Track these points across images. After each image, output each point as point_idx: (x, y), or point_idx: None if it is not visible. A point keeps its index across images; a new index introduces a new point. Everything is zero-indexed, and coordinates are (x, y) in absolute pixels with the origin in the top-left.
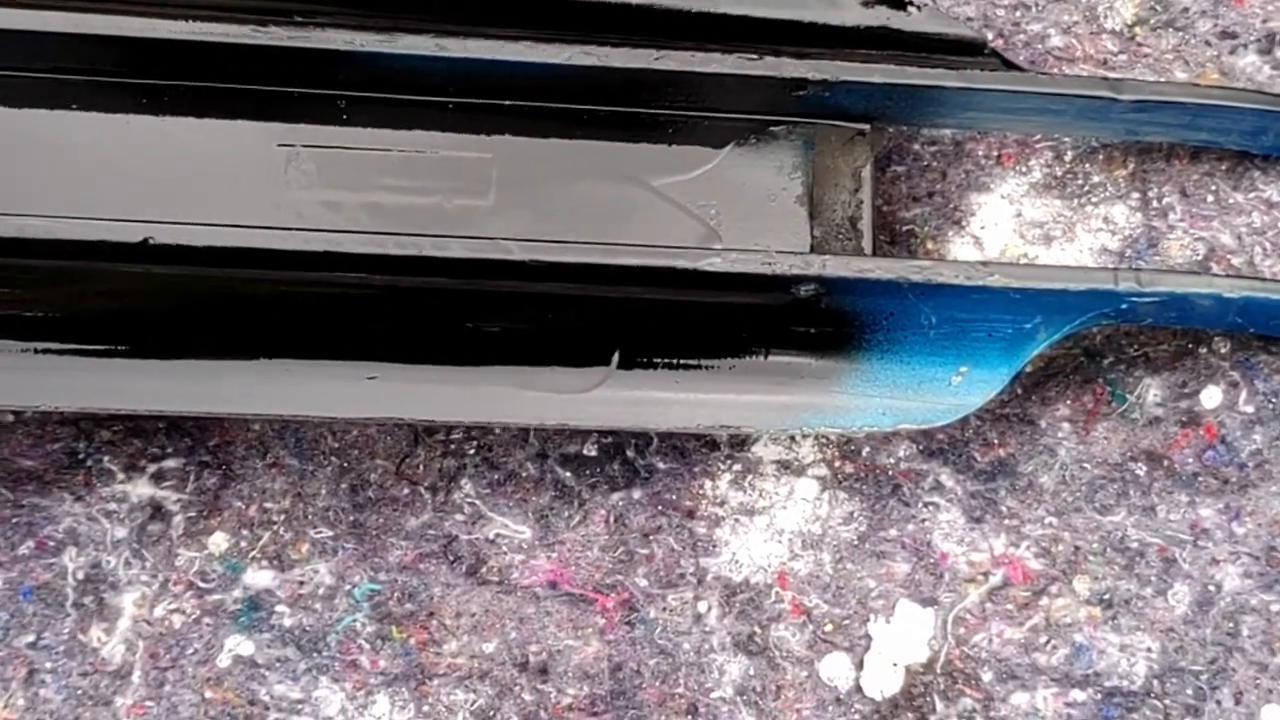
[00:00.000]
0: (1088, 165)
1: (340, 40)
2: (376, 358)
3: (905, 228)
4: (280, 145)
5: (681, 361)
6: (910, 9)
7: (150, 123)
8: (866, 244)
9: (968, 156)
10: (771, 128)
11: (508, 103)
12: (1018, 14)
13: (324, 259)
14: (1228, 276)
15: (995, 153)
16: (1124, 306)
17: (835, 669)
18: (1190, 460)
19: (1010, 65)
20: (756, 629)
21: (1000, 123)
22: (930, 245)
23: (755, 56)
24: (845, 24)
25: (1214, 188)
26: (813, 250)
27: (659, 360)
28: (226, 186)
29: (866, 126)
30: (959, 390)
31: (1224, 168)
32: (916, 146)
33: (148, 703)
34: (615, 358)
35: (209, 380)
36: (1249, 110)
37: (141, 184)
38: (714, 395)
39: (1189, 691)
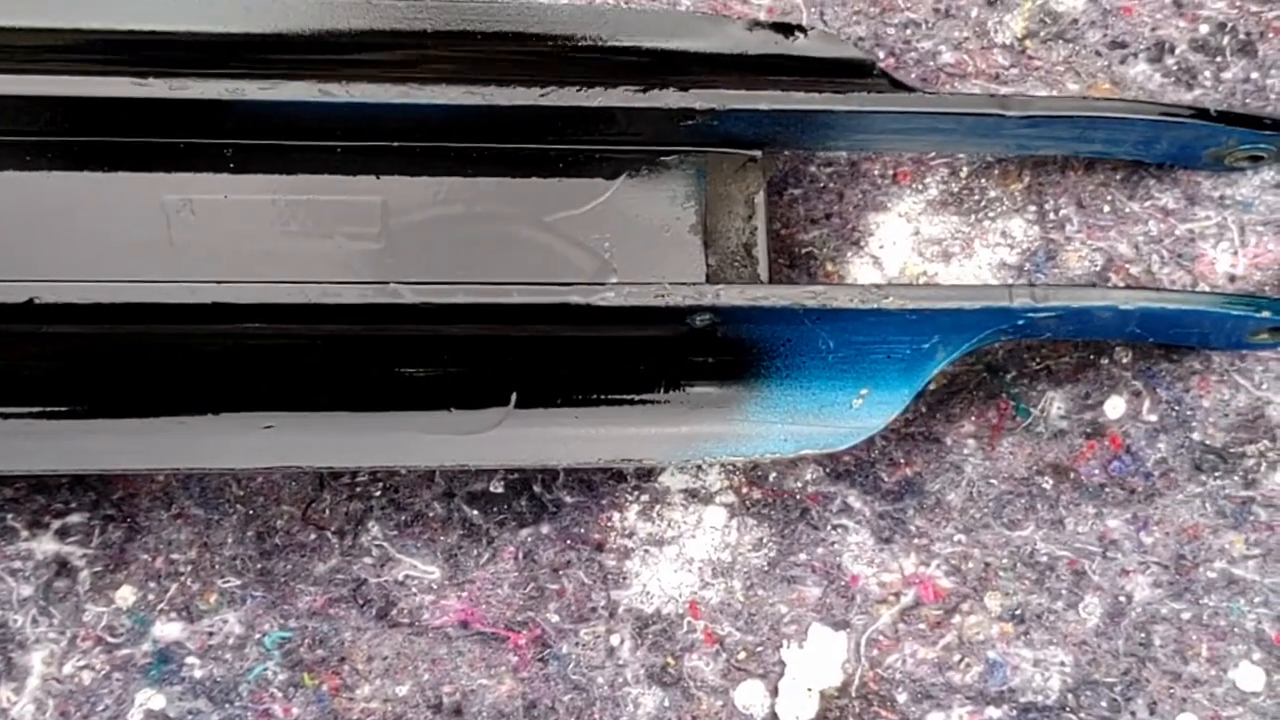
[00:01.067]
0: (983, 180)
1: (222, 90)
2: (273, 407)
3: (804, 250)
4: (168, 196)
5: (580, 397)
6: (798, 33)
7: (33, 179)
8: (763, 270)
9: (864, 176)
10: (663, 158)
11: (396, 144)
12: (908, 31)
13: (213, 310)
14: (1123, 288)
15: (891, 172)
16: (1021, 322)
17: (750, 697)
18: (1096, 471)
19: (900, 85)
20: (670, 660)
21: (892, 143)
22: (830, 267)
23: (641, 88)
24: (732, 51)
25: (1110, 198)
26: (708, 279)
27: (558, 397)
28: (114, 241)
29: (758, 153)
30: (861, 413)
31: (1119, 177)
32: (813, 168)
33: None
34: (514, 397)
35: (105, 437)
36: (1139, 121)
37: (26, 242)
38: (614, 429)
39: (1104, 704)
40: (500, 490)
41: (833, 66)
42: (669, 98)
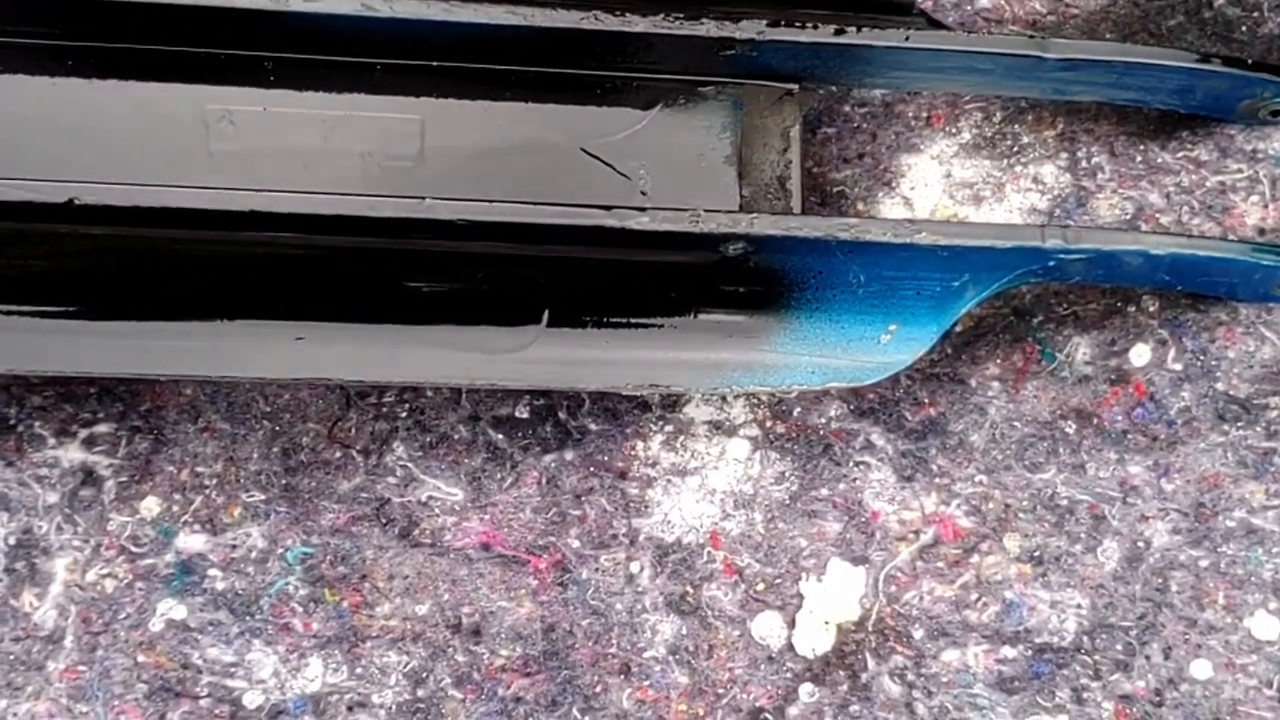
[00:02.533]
0: (1016, 126)
1: (266, 0)
2: (305, 317)
3: (836, 189)
4: (208, 106)
5: (611, 321)
6: None
7: (76, 85)
8: (795, 203)
9: (898, 118)
10: (700, 88)
11: (436, 64)
12: None
13: (249, 218)
14: (1155, 233)
15: (925, 114)
16: (1052, 264)
17: (767, 628)
18: (1119, 418)
19: (938, 25)
20: (689, 589)
21: (928, 82)
22: (861, 206)
23: (682, 16)
24: None
25: (1142, 147)
26: (741, 209)
27: (589, 320)
28: (155, 148)
29: (795, 87)
30: (888, 348)
31: (1152, 128)
32: (847, 108)
33: (80, 667)
34: (545, 317)
35: (137, 342)
36: (1175, 69)
37: (68, 146)
38: (644, 354)
39: (1119, 647)
40: (525, 415)
41: (872, 3)
42: (709, 26)
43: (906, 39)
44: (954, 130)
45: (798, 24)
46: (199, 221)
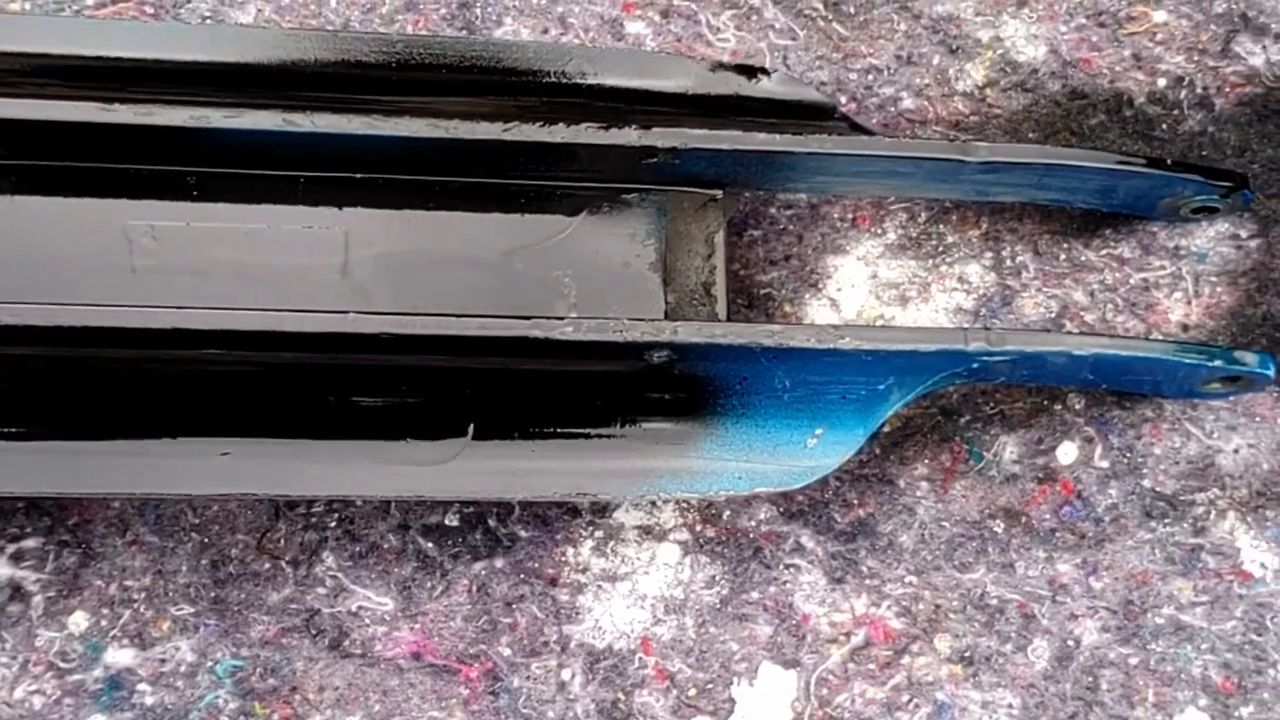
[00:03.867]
0: (941, 226)
1: (187, 117)
2: (230, 433)
3: (763, 291)
4: (130, 222)
5: (537, 431)
6: (760, 75)
7: None
8: (721, 309)
9: (823, 219)
10: (624, 195)
11: (360, 176)
12: (870, 77)
13: (172, 336)
14: (1077, 334)
15: (850, 215)
16: (976, 366)
17: None
18: (1047, 516)
19: (860, 129)
20: (620, 695)
21: (852, 186)
22: (788, 308)
23: (603, 126)
24: (696, 91)
25: (1066, 245)
26: (667, 317)
27: (515, 430)
28: (76, 265)
29: (719, 192)
30: (815, 452)
31: (1075, 226)
32: (773, 210)
33: None
34: (471, 429)
35: (61, 460)
36: (1097, 170)
37: None
38: (571, 463)
39: None
40: (455, 523)
41: (795, 109)
42: (631, 135)
43: (827, 145)
44: (879, 231)
45: (719, 131)
46: (121, 340)
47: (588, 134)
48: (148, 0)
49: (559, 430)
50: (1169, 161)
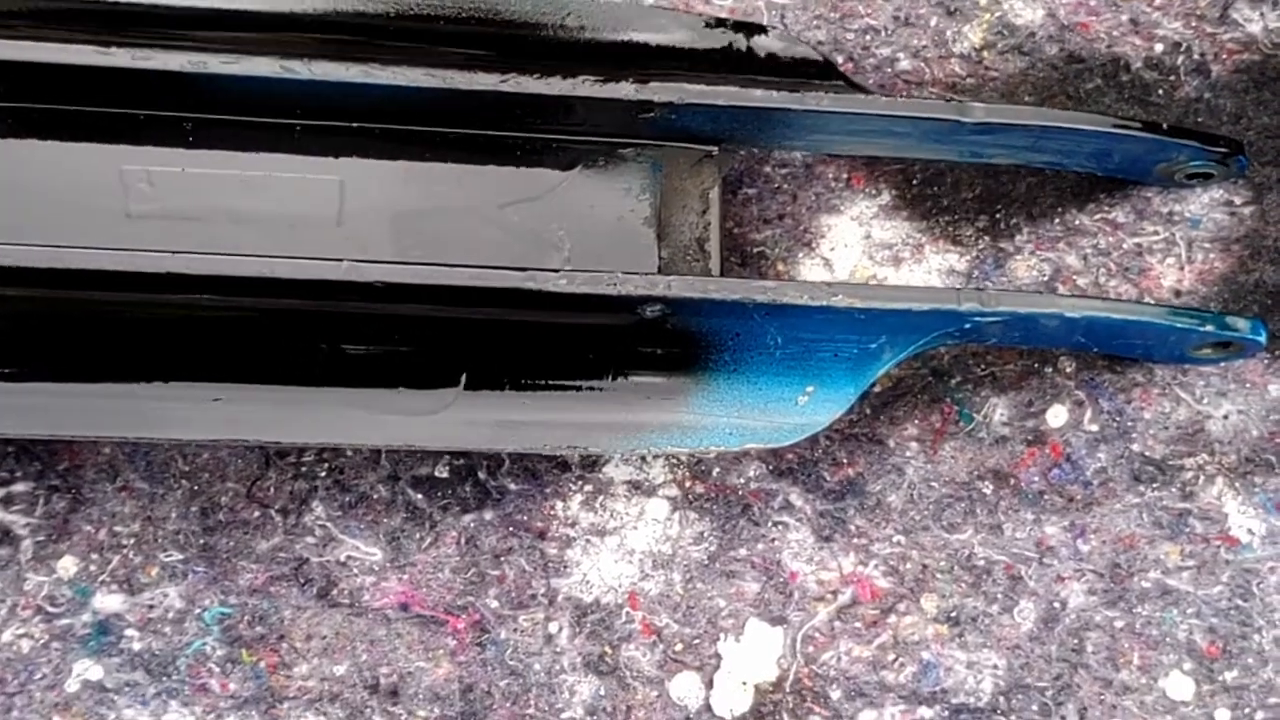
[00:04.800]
0: (936, 188)
1: (184, 62)
2: (222, 379)
3: (756, 249)
4: (126, 167)
5: (529, 382)
6: (758, 33)
7: None
8: (714, 265)
9: (818, 179)
10: (620, 150)
11: (355, 125)
12: (867, 38)
13: (165, 280)
14: (1071, 296)
15: (845, 175)
16: (968, 326)
17: (685, 688)
18: (1036, 479)
19: (857, 88)
20: (607, 649)
21: (848, 145)
22: (781, 267)
23: (600, 79)
24: (693, 46)
25: (1060, 209)
26: (660, 272)
27: (507, 382)
28: (71, 209)
29: (714, 149)
30: (806, 410)
31: (1070, 190)
32: (768, 169)
33: None
34: (463, 379)
35: (53, 403)
36: (1093, 133)
37: None
38: (562, 416)
39: (1034, 708)
40: (445, 475)
41: (791, 67)
42: (628, 89)
43: (824, 103)
44: (874, 192)
45: (716, 87)
46: (115, 284)
47: (585, 87)
48: None
49: (551, 383)
50: (1165, 126)
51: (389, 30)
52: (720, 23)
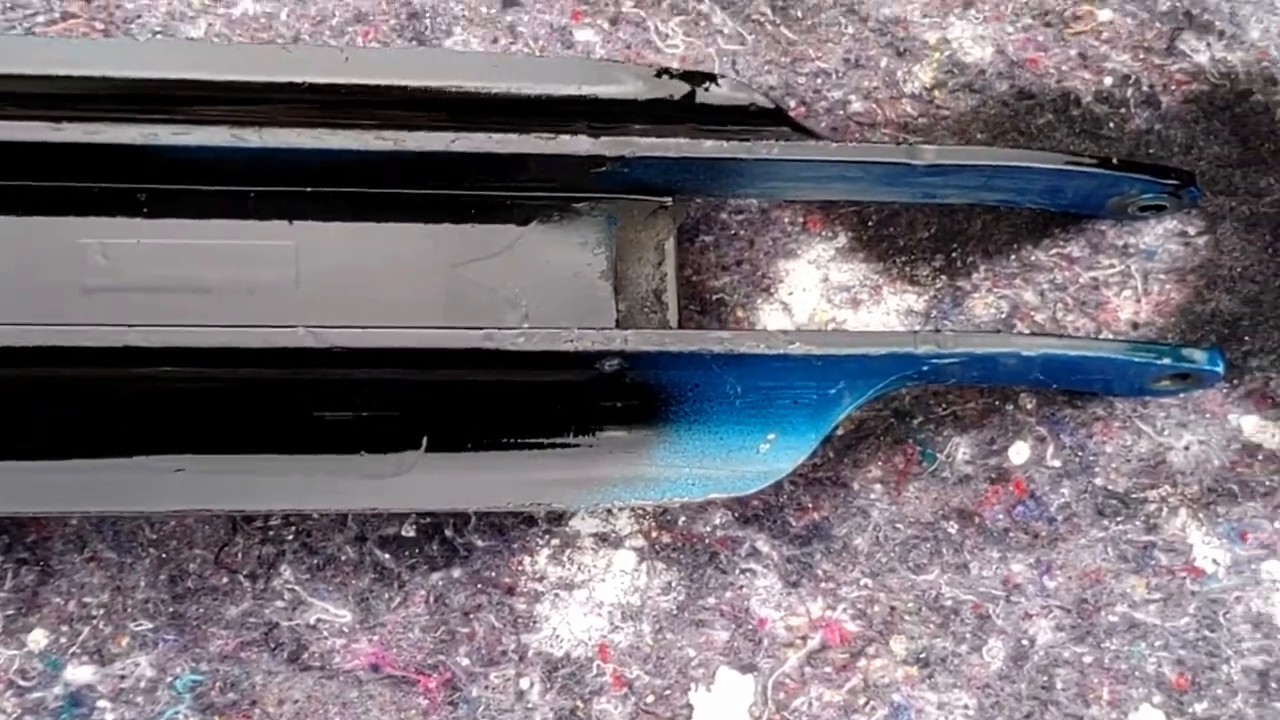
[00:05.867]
0: (892, 228)
1: (136, 135)
2: (185, 449)
3: (715, 296)
4: (81, 240)
5: (491, 441)
6: (709, 81)
7: None
8: (672, 316)
9: (774, 224)
10: (574, 204)
11: (310, 189)
12: (819, 81)
13: (122, 354)
14: (1027, 335)
15: (801, 219)
16: (926, 368)
17: None
18: (1001, 516)
19: (809, 133)
20: (579, 703)
21: (801, 191)
22: (740, 313)
23: (551, 136)
24: (645, 97)
25: (1016, 246)
26: (618, 325)
27: (469, 441)
28: (28, 283)
29: (668, 200)
30: (768, 457)
31: (1025, 226)
32: (724, 215)
33: None
34: (425, 441)
35: (13, 480)
36: (1044, 170)
37: None
38: (524, 474)
39: None
40: (412, 534)
41: (742, 114)
42: (579, 145)
43: (774, 151)
44: (830, 234)
45: (666, 140)
46: (71, 359)
47: (535, 144)
48: (98, 16)
49: (513, 440)
50: (1115, 161)
51: (341, 93)
52: (671, 73)
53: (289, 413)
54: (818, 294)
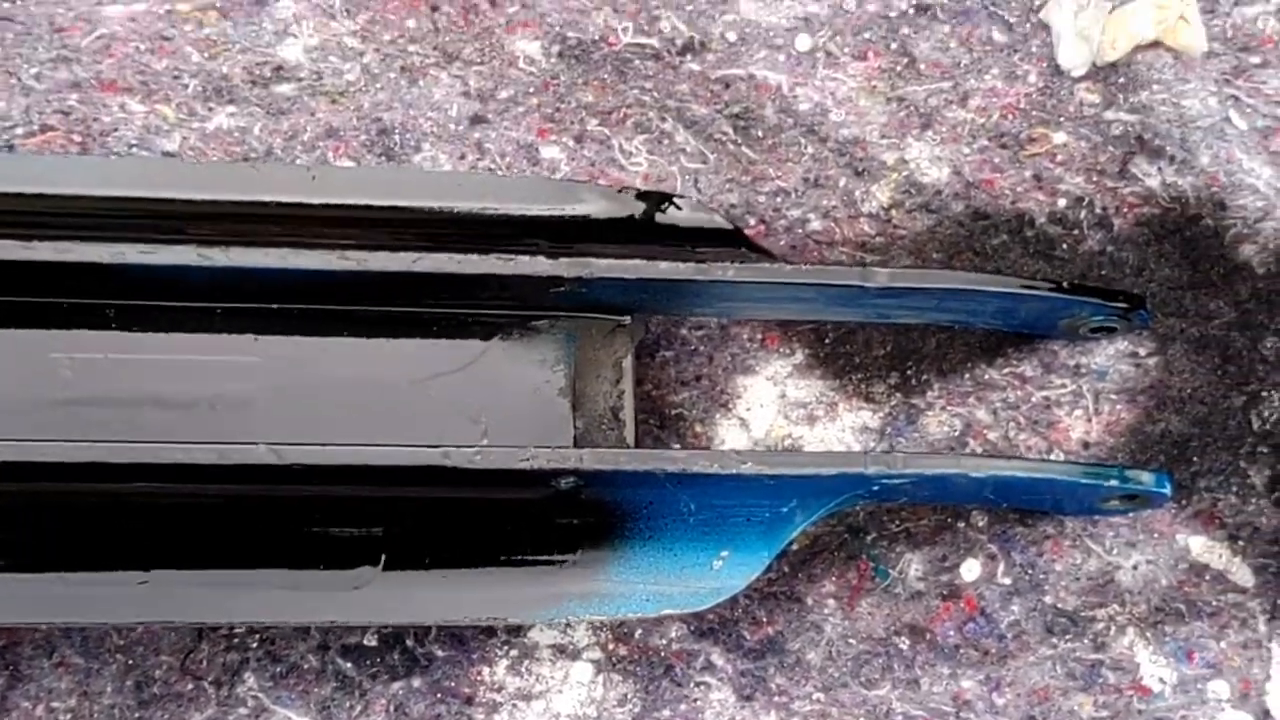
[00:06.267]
0: (848, 346)
1: (104, 253)
2: (148, 562)
3: (674, 411)
4: (49, 354)
5: (449, 557)
6: (667, 202)
7: None
8: (629, 434)
9: (733, 340)
10: (534, 322)
11: (275, 305)
12: (778, 200)
13: (86, 469)
14: (976, 456)
15: (760, 336)
16: (877, 488)
17: None
18: (952, 633)
19: (765, 254)
20: None
21: (757, 310)
22: (699, 428)
23: (510, 256)
24: (605, 216)
25: (970, 364)
26: (576, 442)
27: (427, 557)
28: None
29: (627, 318)
30: (721, 574)
31: (979, 345)
32: (684, 331)
33: None
34: (382, 558)
35: None
36: (996, 293)
37: None
38: (482, 590)
39: None
40: (374, 643)
41: (702, 235)
42: (538, 265)
43: (730, 273)
44: (788, 351)
45: (624, 261)
46: (37, 474)
47: (496, 265)
48: (75, 129)
49: (471, 556)
50: (1067, 284)
51: (308, 210)
52: (632, 192)
53: (250, 527)
54: (775, 410)
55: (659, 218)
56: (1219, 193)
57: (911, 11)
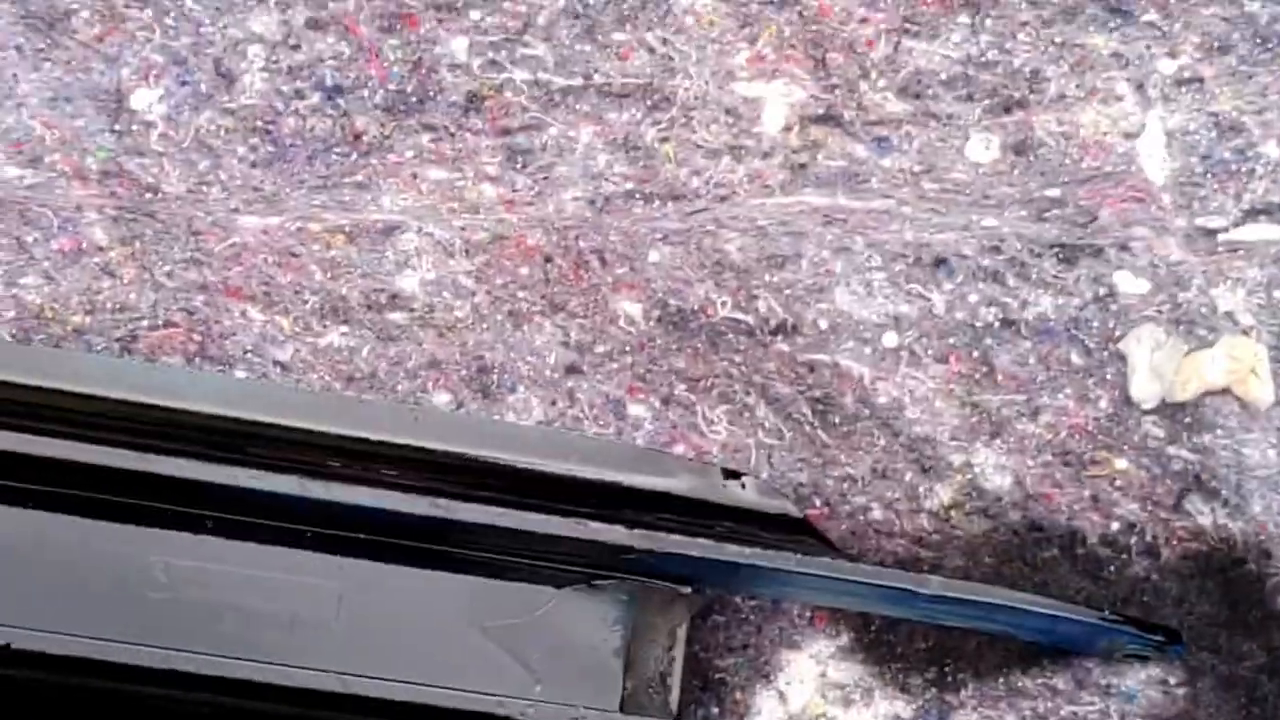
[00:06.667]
0: (892, 636)
1: (219, 474)
2: None
3: (718, 675)
4: (148, 555)
5: None
6: (741, 483)
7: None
8: (674, 700)
9: (783, 614)
10: (601, 581)
11: (362, 535)
12: (845, 485)
13: (163, 676)
14: None
15: (809, 614)
16: None
17: None
18: None
19: (826, 543)
20: None
21: (812, 597)
22: (739, 695)
23: (586, 521)
24: (680, 492)
25: (1005, 670)
26: (622, 704)
27: None
28: (95, 589)
29: (688, 589)
30: None
31: (1017, 653)
32: (738, 599)
33: None
34: None
35: None
36: (1037, 613)
37: (8, 585)
38: None
39: None
40: None
41: (770, 520)
42: (613, 534)
43: (792, 563)
44: (834, 632)
45: (692, 540)
46: (121, 675)
47: (573, 528)
48: (196, 328)
49: None
50: (1109, 614)
51: (404, 451)
52: (710, 469)
53: None
54: (814, 688)
55: (734, 499)
56: (1266, 541)
57: (997, 325)
